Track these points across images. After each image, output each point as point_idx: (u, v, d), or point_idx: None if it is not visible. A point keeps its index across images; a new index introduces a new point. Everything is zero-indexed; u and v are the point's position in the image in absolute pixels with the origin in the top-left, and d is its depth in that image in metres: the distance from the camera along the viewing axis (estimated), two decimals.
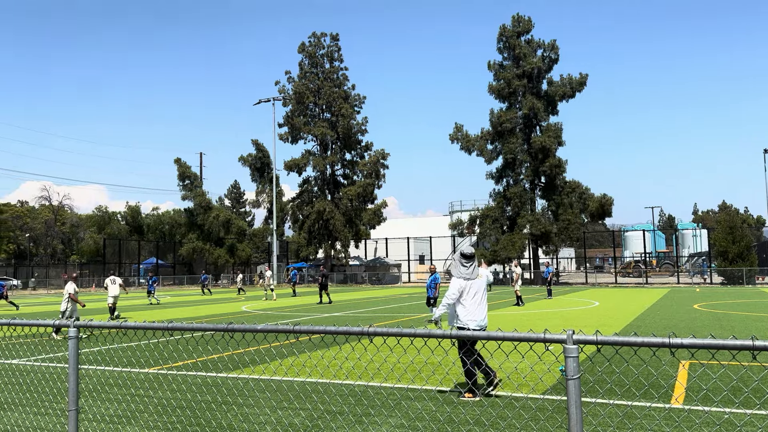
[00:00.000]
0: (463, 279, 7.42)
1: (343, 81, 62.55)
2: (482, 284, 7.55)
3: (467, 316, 7.36)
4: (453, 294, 7.39)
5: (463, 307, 7.40)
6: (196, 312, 24.33)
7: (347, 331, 3.63)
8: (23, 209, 78.52)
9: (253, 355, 10.93)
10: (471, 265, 7.47)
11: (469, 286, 7.41)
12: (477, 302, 7.42)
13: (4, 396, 7.88)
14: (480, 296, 7.47)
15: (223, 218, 64.73)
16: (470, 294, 7.40)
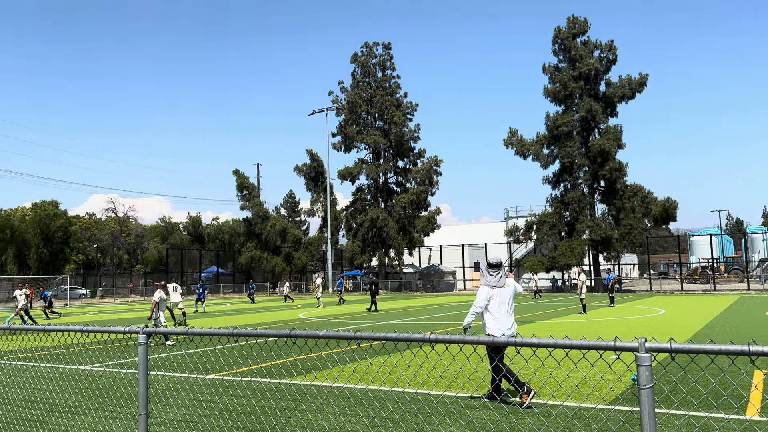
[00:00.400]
0: (489, 287, 7.59)
1: (395, 89, 62.85)
2: (509, 293, 7.66)
3: (494, 325, 7.49)
4: (481, 302, 7.56)
5: (491, 315, 7.55)
6: (255, 319, 24.82)
7: (408, 338, 3.63)
8: (91, 221, 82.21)
9: (315, 361, 11.05)
10: (497, 274, 7.64)
11: (496, 294, 7.57)
12: (504, 311, 7.55)
13: (76, 400, 8.24)
14: (507, 305, 7.59)
15: (280, 227, 65.97)
16: (497, 302, 7.55)
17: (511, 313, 7.61)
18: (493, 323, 7.49)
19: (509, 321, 7.55)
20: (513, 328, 7.57)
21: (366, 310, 28.87)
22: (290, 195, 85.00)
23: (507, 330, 7.48)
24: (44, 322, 25.66)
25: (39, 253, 60.98)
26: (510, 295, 7.67)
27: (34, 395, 8.63)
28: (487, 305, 7.57)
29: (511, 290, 7.70)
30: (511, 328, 7.53)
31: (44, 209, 62.38)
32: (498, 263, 7.72)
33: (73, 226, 67.21)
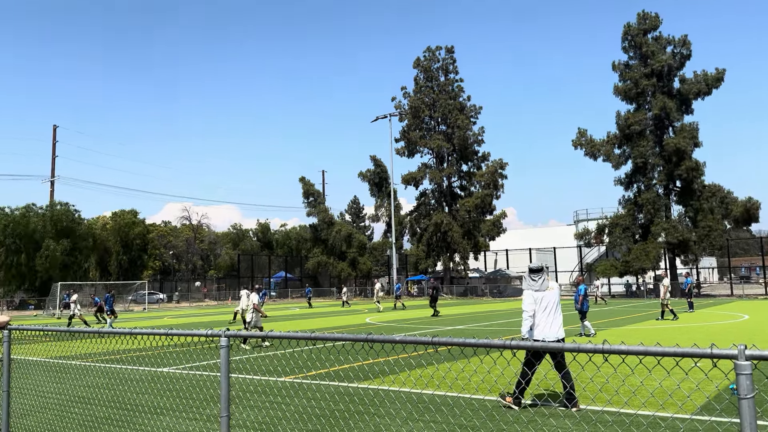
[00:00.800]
0: (533, 290, 7.58)
1: (458, 92, 62.47)
2: (553, 297, 7.60)
3: (541, 329, 7.46)
4: (529, 305, 7.55)
5: (538, 319, 7.53)
6: (322, 324, 25.15)
7: (488, 344, 3.55)
8: (167, 229, 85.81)
9: (383, 366, 11.07)
10: (540, 279, 7.64)
11: (540, 297, 7.55)
12: (549, 314, 7.50)
13: (158, 401, 8.57)
14: (551, 309, 7.54)
15: (345, 233, 66.76)
16: (541, 306, 7.52)
17: (557, 317, 7.54)
18: (539, 328, 7.46)
19: (556, 324, 7.47)
20: (560, 332, 7.47)
21: (431, 315, 28.75)
22: (354, 201, 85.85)
23: (555, 334, 7.41)
24: (98, 326, 26.92)
25: (119, 259, 64.16)
26: (554, 299, 7.60)
27: (119, 396, 9.04)
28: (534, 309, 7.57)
29: (555, 294, 7.63)
30: (558, 332, 7.44)
31: (123, 218, 65.62)
32: (539, 268, 7.75)
33: (150, 233, 70.33)
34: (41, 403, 8.45)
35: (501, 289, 60.28)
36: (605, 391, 8.36)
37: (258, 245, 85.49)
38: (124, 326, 22.28)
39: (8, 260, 54.86)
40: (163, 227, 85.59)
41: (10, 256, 54.91)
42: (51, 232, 55.83)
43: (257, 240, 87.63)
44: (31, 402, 8.38)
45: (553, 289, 7.63)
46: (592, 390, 8.54)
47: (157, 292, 64.88)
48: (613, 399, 7.83)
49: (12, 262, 54.92)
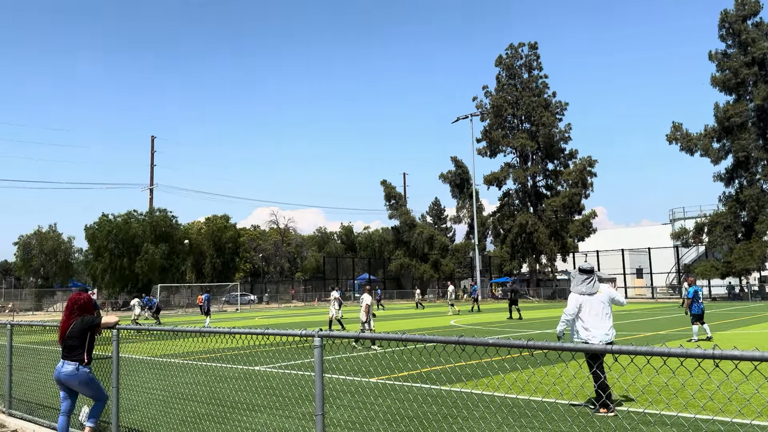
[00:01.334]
0: (579, 294, 7.56)
1: (543, 89, 60.86)
2: (602, 299, 7.53)
3: (588, 332, 7.42)
4: (571, 309, 7.56)
5: (581, 322, 7.52)
6: (407, 326, 25.15)
7: (588, 349, 3.37)
8: (256, 232, 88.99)
9: (475, 368, 10.89)
10: (589, 281, 7.60)
11: (586, 301, 7.51)
12: (598, 317, 7.46)
13: (253, 399, 8.82)
14: (600, 311, 7.47)
15: (427, 235, 66.63)
16: (587, 309, 7.50)
17: (605, 320, 7.46)
18: (587, 331, 7.43)
19: (605, 327, 7.40)
20: (609, 335, 7.36)
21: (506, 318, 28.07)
22: (435, 202, 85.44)
23: (605, 337, 7.31)
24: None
25: (213, 262, 67.16)
26: (602, 302, 7.51)
27: (217, 393, 9.39)
28: (578, 312, 7.53)
29: (603, 297, 7.54)
30: (607, 335, 7.34)
31: (216, 223, 68.64)
32: (590, 269, 7.73)
33: (241, 237, 73.16)
34: (146, 399, 8.91)
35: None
36: (716, 399, 7.81)
37: (342, 247, 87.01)
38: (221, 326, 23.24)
39: (112, 264, 58.68)
40: (253, 231, 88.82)
41: (113, 260, 58.72)
42: (150, 237, 59.23)
43: (341, 242, 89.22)
44: (137, 398, 8.86)
45: (601, 292, 7.58)
46: (703, 397, 8.00)
47: (248, 294, 67.39)
48: (726, 407, 7.30)
49: (116, 265, 58.71)
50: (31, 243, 70.68)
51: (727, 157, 48.82)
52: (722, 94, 49.40)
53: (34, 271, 70.66)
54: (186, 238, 64.50)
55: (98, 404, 6.21)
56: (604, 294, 7.60)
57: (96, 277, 60.63)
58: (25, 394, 8.75)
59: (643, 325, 22.04)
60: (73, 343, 6.12)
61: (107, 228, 58.94)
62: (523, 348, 3.61)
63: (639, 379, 9.18)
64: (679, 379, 6.44)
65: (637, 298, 55.75)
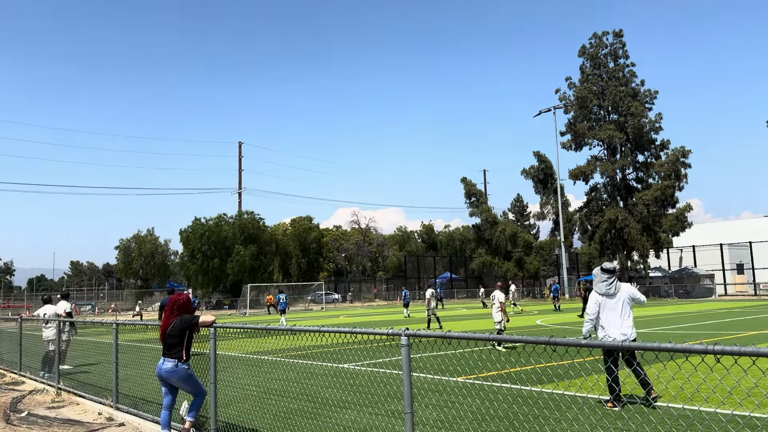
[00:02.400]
0: (599, 294, 7.77)
1: (630, 78, 58.16)
2: (622, 298, 7.70)
3: (604, 330, 7.65)
4: (592, 308, 7.78)
5: (605, 320, 7.69)
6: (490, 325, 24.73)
7: (687, 349, 3.16)
8: (338, 233, 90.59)
9: (567, 369, 10.56)
10: (610, 280, 7.78)
11: (605, 301, 7.72)
12: (613, 317, 7.64)
13: (342, 396, 8.95)
14: (620, 310, 7.64)
15: (510, 232, 65.37)
16: (606, 309, 7.70)
17: (626, 319, 7.63)
18: (607, 329, 7.63)
19: (620, 327, 7.56)
20: (626, 334, 7.51)
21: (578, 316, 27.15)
22: (518, 199, 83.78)
23: (624, 335, 7.48)
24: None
25: (298, 263, 68.98)
26: (622, 300, 7.68)
27: (308, 390, 9.60)
28: (599, 311, 7.73)
29: (623, 296, 7.71)
30: (624, 334, 7.49)
31: (301, 224, 70.46)
32: (611, 269, 7.89)
33: (324, 238, 74.70)
34: (241, 394, 9.24)
35: (688, 289, 54.94)
36: None
37: (423, 246, 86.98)
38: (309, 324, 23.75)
39: (204, 265, 61.53)
40: (335, 231, 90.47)
41: (206, 262, 61.56)
42: (240, 239, 61.65)
43: (422, 241, 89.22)
44: (233, 393, 9.21)
45: (621, 291, 7.74)
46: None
47: (332, 293, 68.74)
48: None
49: (208, 266, 61.52)
50: (131, 246, 75.35)
51: None
52: None
53: (134, 272, 75.29)
54: (273, 239, 66.62)
55: (197, 399, 6.49)
56: (624, 293, 7.75)
57: (190, 278, 63.82)
58: (130, 389, 9.30)
59: (745, 324, 20.58)
60: (173, 341, 6.43)
61: (200, 231, 61.86)
62: (617, 349, 3.45)
63: (744, 381, 8.57)
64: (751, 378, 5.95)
65: (737, 296, 52.24)
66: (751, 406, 7.36)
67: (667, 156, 55.87)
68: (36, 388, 11.25)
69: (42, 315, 13.26)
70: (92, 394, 9.64)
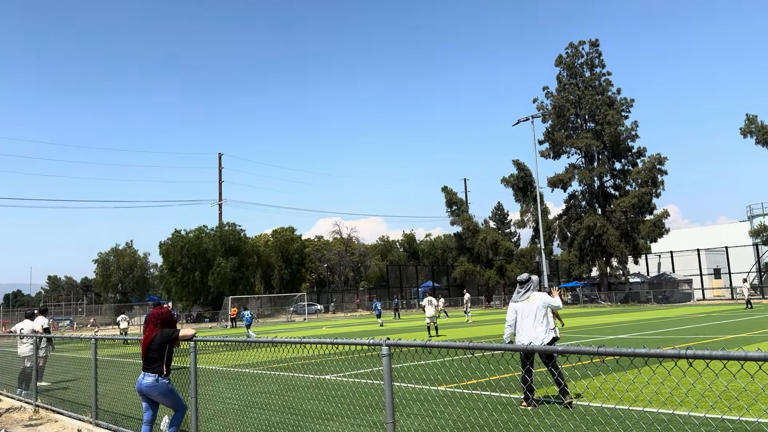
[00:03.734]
0: (513, 302, 8.50)
1: (607, 87, 59.15)
2: (533, 307, 8.30)
3: (519, 335, 8.28)
4: (510, 316, 8.50)
5: (520, 326, 8.34)
6: (474, 333, 24.89)
7: (660, 354, 3.28)
8: (320, 243, 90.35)
9: (545, 376, 10.68)
10: (523, 290, 8.48)
11: (520, 308, 8.37)
12: (527, 323, 8.26)
13: (324, 407, 8.96)
14: (533, 317, 8.25)
15: (491, 240, 65.76)
16: (520, 316, 8.36)
17: (540, 324, 8.23)
18: (521, 334, 8.25)
19: (533, 332, 8.15)
20: (540, 339, 8.07)
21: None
22: (498, 207, 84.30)
23: (537, 340, 8.02)
24: None
25: (281, 274, 68.65)
26: (534, 307, 8.28)
27: (290, 402, 9.60)
28: (516, 317, 8.40)
29: (536, 304, 8.29)
30: (539, 339, 8.06)
31: (283, 235, 70.19)
32: (525, 279, 8.55)
33: (306, 248, 74.47)
34: (222, 408, 9.21)
35: (667, 295, 55.70)
36: None
37: (405, 255, 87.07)
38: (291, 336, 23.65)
39: (185, 278, 60.94)
40: (317, 242, 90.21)
41: (186, 274, 60.98)
42: (221, 251, 61.21)
43: (404, 250, 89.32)
44: (214, 407, 9.18)
45: (534, 300, 8.32)
46: None
47: (315, 303, 68.43)
48: None
49: (188, 279, 60.94)
50: (109, 260, 74.44)
51: None
52: None
53: (112, 286, 74.34)
54: (255, 250, 66.23)
55: (178, 414, 6.48)
56: (537, 301, 8.32)
57: (170, 291, 63.14)
58: (109, 405, 9.22)
59: (723, 328, 20.96)
60: (153, 355, 6.42)
61: (180, 243, 61.29)
62: (594, 354, 3.54)
63: (716, 384, 8.77)
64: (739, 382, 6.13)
65: (715, 300, 53.07)
66: (722, 408, 7.53)
67: (644, 163, 56.82)
68: (13, 406, 11.09)
69: (19, 330, 13.08)
70: (71, 411, 9.53)
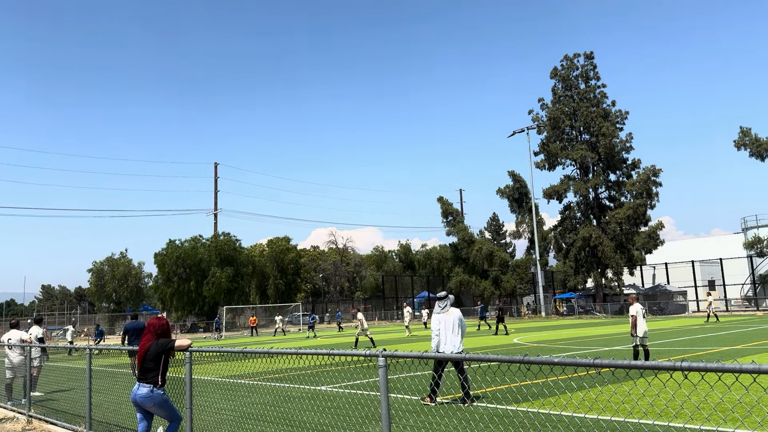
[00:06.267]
0: (437, 314, 9.61)
1: (602, 99, 59.55)
2: (452, 318, 9.55)
3: (443, 344, 9.42)
4: (435, 327, 9.57)
5: (442, 336, 9.49)
6: (469, 344, 24.85)
7: (656, 366, 3.29)
8: (315, 253, 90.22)
9: (541, 387, 10.67)
10: (443, 305, 9.66)
11: (442, 320, 9.55)
12: (448, 333, 9.48)
13: (320, 419, 8.93)
14: (451, 328, 9.49)
15: (486, 251, 65.83)
16: (443, 326, 9.53)
17: (456, 335, 9.48)
18: (443, 343, 9.41)
19: (453, 341, 9.39)
20: (458, 347, 9.38)
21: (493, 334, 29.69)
22: (494, 218, 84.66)
23: (455, 348, 9.32)
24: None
25: (276, 283, 68.47)
26: (453, 319, 9.52)
27: (285, 413, 9.55)
28: (439, 328, 9.51)
29: (453, 316, 9.53)
30: (456, 347, 9.35)
31: (278, 245, 70.05)
32: (443, 296, 9.75)
33: (302, 258, 74.31)
34: (217, 419, 9.16)
35: (661, 306, 55.78)
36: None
37: (400, 266, 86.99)
38: (286, 346, 23.47)
39: (180, 288, 60.71)
40: (312, 252, 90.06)
41: (181, 284, 60.76)
42: (216, 261, 61.03)
43: (399, 261, 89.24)
44: (209, 418, 9.12)
45: (452, 313, 9.56)
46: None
47: (309, 314, 68.16)
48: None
49: (183, 289, 60.71)
50: (104, 269, 74.11)
51: None
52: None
53: (107, 296, 73.94)
54: (250, 260, 66.04)
55: (173, 425, 6.44)
56: (454, 315, 9.57)
57: (165, 301, 62.85)
58: (104, 415, 9.16)
59: (720, 340, 21.00)
60: (149, 365, 6.39)
61: (175, 253, 61.09)
62: (589, 366, 3.55)
63: (711, 396, 8.78)
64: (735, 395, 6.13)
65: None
66: (718, 420, 7.54)
67: (639, 175, 57.10)
68: (6, 416, 11.00)
69: (6, 341, 12.97)
70: (64, 421, 9.47)
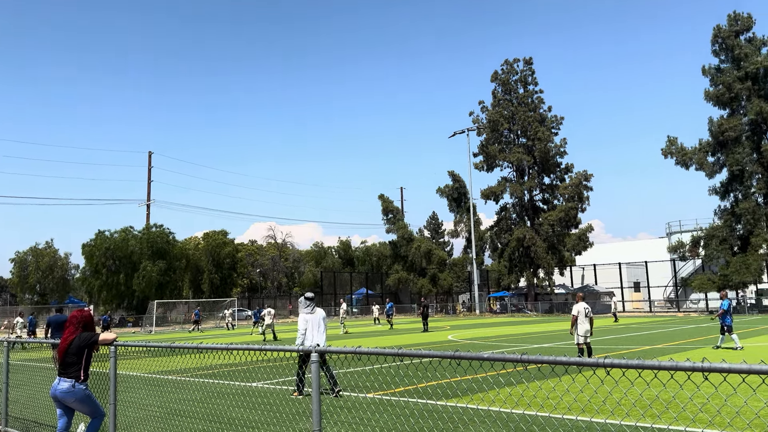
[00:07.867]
0: (305, 314, 10.45)
1: (539, 104, 61.33)
2: (318, 318, 10.50)
3: (309, 340, 10.28)
4: (302, 326, 10.41)
5: (308, 334, 10.32)
6: (404, 341, 25.12)
7: (580, 362, 3.44)
8: (253, 247, 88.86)
9: (471, 383, 10.91)
10: (311, 305, 10.57)
11: (310, 319, 10.41)
12: (314, 331, 10.37)
13: (251, 416, 8.82)
14: (317, 326, 10.42)
15: (425, 249, 66.64)
16: (310, 325, 10.39)
17: (321, 333, 10.41)
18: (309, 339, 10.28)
19: (318, 339, 10.30)
20: (322, 344, 10.05)
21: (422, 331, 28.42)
22: (433, 217, 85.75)
23: (315, 342, 10.07)
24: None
25: (211, 278, 66.99)
26: (318, 319, 10.47)
27: (215, 410, 9.39)
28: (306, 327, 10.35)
29: (318, 317, 10.48)
30: (321, 344, 9.94)
31: (214, 238, 68.53)
32: (311, 297, 10.69)
33: (239, 253, 72.99)
34: (144, 415, 8.90)
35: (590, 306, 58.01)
36: (706, 411, 7.85)
37: (339, 262, 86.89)
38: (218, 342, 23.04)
39: (109, 280, 58.47)
40: (250, 246, 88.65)
41: (110, 277, 58.53)
42: (147, 254, 59.09)
43: (339, 257, 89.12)
44: (135, 414, 8.86)
45: (317, 313, 10.50)
46: (693, 410, 8.04)
47: (245, 309, 67.09)
48: (715, 420, 7.34)
49: (112, 282, 58.50)
50: (28, 259, 70.57)
51: (722, 170, 49.16)
52: (716, 108, 49.88)
53: (30, 287, 70.44)
54: (184, 254, 64.33)
55: (95, 421, 6.22)
56: (318, 315, 10.50)
57: (93, 294, 60.41)
58: (21, 411, 8.74)
59: (643, 339, 22.05)
60: (71, 360, 6.14)
61: (104, 245, 58.80)
62: (518, 362, 3.67)
63: (631, 393, 9.23)
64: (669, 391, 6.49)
65: (634, 312, 55.68)
66: (637, 415, 7.93)
67: (571, 179, 59.18)
68: None
69: None
70: None
